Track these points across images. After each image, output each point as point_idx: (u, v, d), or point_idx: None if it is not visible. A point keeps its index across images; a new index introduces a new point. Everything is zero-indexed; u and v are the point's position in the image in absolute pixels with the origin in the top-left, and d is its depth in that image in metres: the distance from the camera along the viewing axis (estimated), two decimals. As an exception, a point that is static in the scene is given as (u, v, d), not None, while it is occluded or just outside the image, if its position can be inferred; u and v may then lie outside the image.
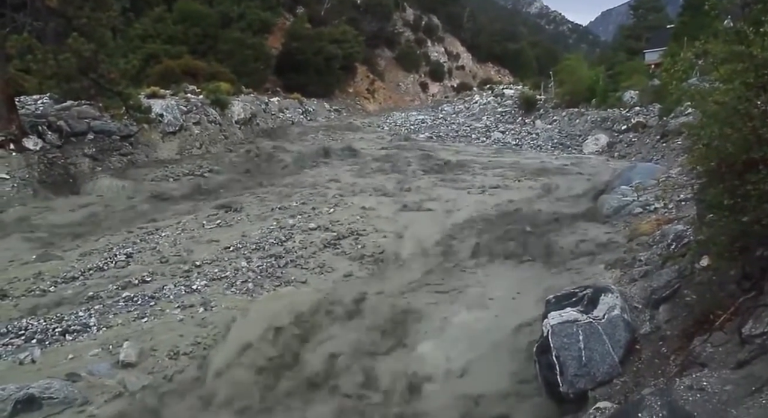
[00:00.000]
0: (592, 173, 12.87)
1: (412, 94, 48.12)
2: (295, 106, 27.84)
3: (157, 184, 12.99)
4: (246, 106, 21.20)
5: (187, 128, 16.65)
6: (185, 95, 18.37)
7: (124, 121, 13.77)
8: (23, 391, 4.55)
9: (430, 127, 24.78)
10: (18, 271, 7.61)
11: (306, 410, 4.55)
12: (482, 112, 28.46)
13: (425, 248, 8.23)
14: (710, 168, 3.34)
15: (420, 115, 30.07)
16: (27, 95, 14.63)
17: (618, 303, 4.23)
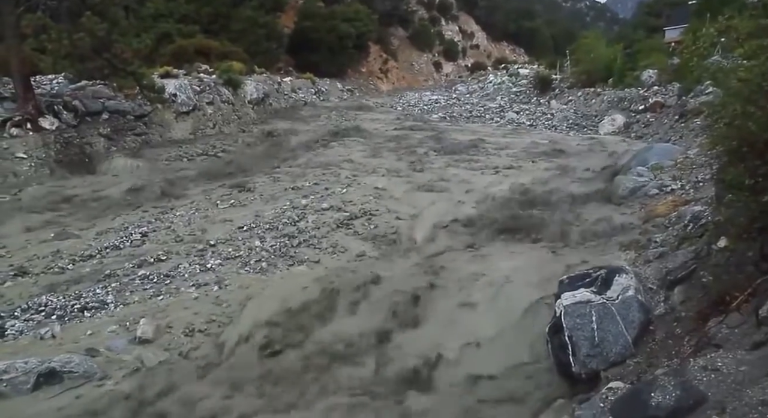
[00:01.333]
0: (608, 154, 12.69)
1: (425, 73, 47.62)
2: (307, 86, 27.71)
3: (171, 164, 13.09)
4: (259, 86, 21.15)
5: (200, 108, 16.67)
6: (198, 75, 18.37)
7: (137, 100, 13.83)
8: (45, 365, 4.67)
9: (444, 108, 24.54)
10: (37, 249, 7.75)
11: (318, 388, 4.60)
12: (496, 92, 28.13)
13: (438, 228, 8.22)
14: (731, 147, 3.27)
15: (433, 96, 29.81)
16: (42, 75, 14.72)
17: (632, 284, 4.19)
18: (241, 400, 4.46)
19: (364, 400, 4.39)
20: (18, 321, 5.71)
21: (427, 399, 4.36)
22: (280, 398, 4.47)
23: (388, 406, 4.30)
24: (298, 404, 4.39)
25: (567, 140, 15.47)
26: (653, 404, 2.46)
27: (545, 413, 3.82)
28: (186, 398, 4.46)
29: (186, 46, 21.77)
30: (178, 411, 4.30)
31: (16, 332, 5.53)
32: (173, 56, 20.62)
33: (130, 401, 4.40)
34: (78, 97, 13.29)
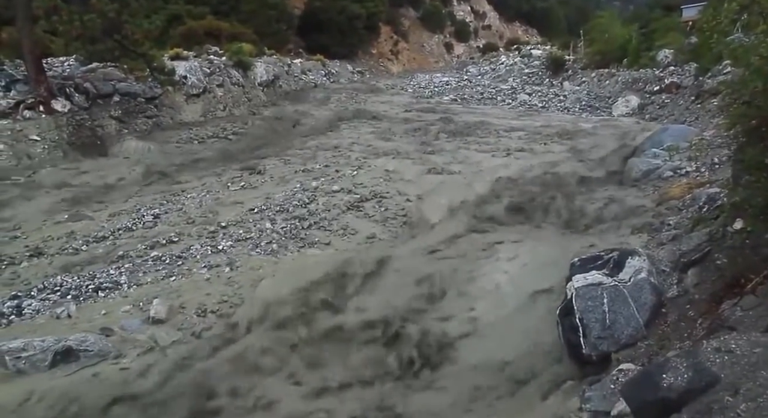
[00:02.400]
0: (621, 136, 12.51)
1: (436, 55, 47.09)
2: (317, 68, 27.54)
3: (182, 146, 13.13)
4: (269, 67, 21.04)
5: (210, 90, 16.65)
6: (208, 57, 18.30)
7: (148, 83, 13.83)
8: (61, 343, 4.75)
9: (455, 90, 24.29)
10: (51, 230, 7.85)
11: (328, 369, 4.65)
12: (508, 73, 27.78)
13: (448, 210, 8.18)
14: (750, 127, 3.20)
15: (444, 77, 29.51)
16: (54, 57, 14.75)
17: (645, 266, 4.15)
18: (254, 379, 4.53)
19: (372, 380, 4.43)
20: (35, 301, 5.81)
21: (436, 380, 4.39)
22: (291, 378, 4.53)
23: (396, 386, 4.34)
24: (309, 383, 4.44)
25: (579, 122, 15.27)
26: (665, 385, 2.45)
27: (555, 395, 3.83)
28: (199, 378, 4.52)
29: (196, 28, 21.68)
30: (192, 390, 4.37)
31: (33, 311, 5.63)
32: (183, 38, 20.55)
33: (144, 380, 4.47)
34: (89, 79, 13.32)
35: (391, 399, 4.18)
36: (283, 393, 4.35)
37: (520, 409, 3.81)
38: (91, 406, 4.13)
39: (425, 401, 4.15)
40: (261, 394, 4.34)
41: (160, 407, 4.17)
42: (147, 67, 13.07)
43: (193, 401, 4.24)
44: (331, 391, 4.33)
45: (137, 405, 4.19)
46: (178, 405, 4.20)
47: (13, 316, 5.56)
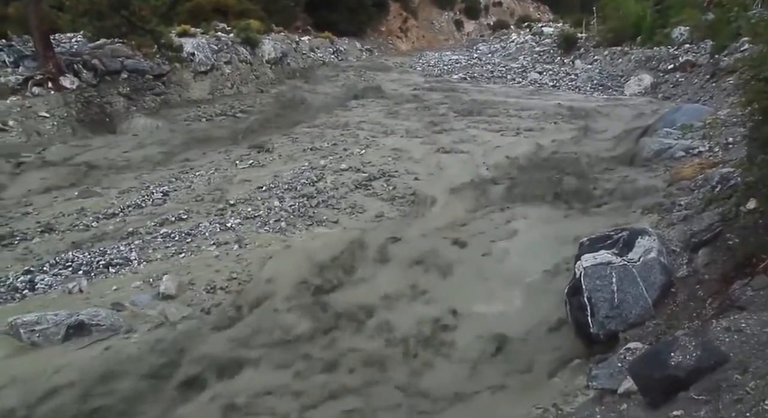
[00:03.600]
0: (633, 115, 12.34)
1: (446, 32, 46.36)
2: (326, 46, 27.21)
3: (190, 124, 13.11)
4: (277, 45, 20.82)
5: (218, 68, 16.54)
6: (216, 34, 18.13)
7: (156, 60, 13.75)
8: (74, 317, 4.82)
9: (465, 68, 23.97)
10: (62, 206, 7.92)
11: (335, 346, 4.69)
12: (519, 51, 27.34)
13: (457, 189, 8.16)
14: (767, 105, 3.13)
15: (454, 55, 29.10)
16: (61, 33, 14.67)
17: (655, 246, 4.12)
18: (262, 355, 4.58)
19: (378, 358, 4.47)
20: (47, 276, 5.88)
21: (442, 357, 4.42)
22: (296, 353, 4.57)
23: (401, 363, 4.37)
24: (313, 359, 4.48)
25: (591, 101, 15.06)
26: (673, 364, 2.45)
27: (562, 373, 3.85)
28: (208, 353, 4.58)
29: (203, 4, 21.43)
30: (201, 365, 4.43)
31: (46, 286, 5.71)
32: (190, 14, 20.33)
33: (155, 354, 4.54)
34: (97, 55, 13.26)
35: (396, 376, 4.21)
36: (288, 371, 4.39)
37: (526, 386, 3.84)
38: (103, 379, 4.21)
39: (430, 378, 4.19)
40: (267, 371, 4.39)
41: (170, 381, 4.24)
42: (155, 44, 12.99)
43: (201, 376, 4.30)
44: (336, 367, 4.37)
45: (147, 379, 4.25)
46: (187, 379, 4.26)
47: (26, 290, 5.65)
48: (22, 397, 3.98)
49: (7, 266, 6.16)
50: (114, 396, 4.04)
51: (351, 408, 3.89)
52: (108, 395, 4.05)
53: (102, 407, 3.92)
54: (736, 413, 2.06)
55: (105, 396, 4.03)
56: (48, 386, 4.10)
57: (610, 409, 2.82)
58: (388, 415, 3.80)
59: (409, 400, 3.95)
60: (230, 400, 4.02)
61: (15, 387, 4.09)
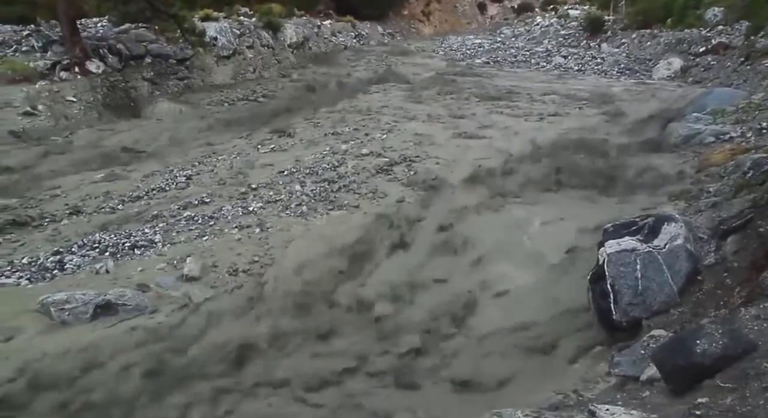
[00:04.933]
0: (661, 100, 12.03)
1: (469, 16, 45.67)
2: (347, 30, 27.06)
3: (213, 108, 13.21)
4: (298, 29, 20.78)
5: (240, 52, 16.58)
6: (238, 18, 18.15)
7: (179, 44, 13.85)
8: (101, 297, 4.95)
9: (488, 52, 23.63)
10: (89, 189, 8.08)
11: (357, 330, 4.72)
12: (543, 35, 26.83)
13: (479, 175, 8.08)
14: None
15: (477, 39, 28.69)
16: (87, 18, 14.86)
17: (681, 233, 4.03)
18: (284, 337, 4.64)
19: (397, 342, 4.48)
20: (75, 256, 6.03)
21: (462, 342, 4.42)
22: (316, 335, 4.62)
23: (419, 348, 4.37)
24: (334, 343, 4.53)
25: (617, 86, 14.73)
26: (698, 351, 2.40)
27: (583, 359, 3.83)
28: (231, 334, 4.66)
29: (225, -12, 21.42)
30: (224, 345, 4.51)
31: (74, 267, 5.85)
32: (213, -1, 20.36)
33: (179, 334, 4.63)
34: (122, 40, 13.41)
35: (414, 360, 4.23)
36: (306, 354, 4.44)
37: (546, 372, 3.82)
38: (130, 357, 4.32)
39: (448, 361, 4.20)
40: (288, 353, 4.45)
41: (194, 361, 4.32)
42: (178, 29, 13.07)
43: (224, 356, 4.38)
44: (358, 353, 4.39)
45: (172, 359, 4.35)
46: (211, 359, 4.35)
47: (56, 270, 5.80)
48: (54, 372, 4.11)
49: (37, 247, 6.33)
50: (140, 374, 4.14)
51: (372, 392, 3.92)
52: (135, 373, 4.16)
53: (129, 384, 4.03)
54: (764, 401, 2.01)
55: (131, 374, 4.14)
56: (78, 362, 4.22)
57: (632, 396, 2.79)
58: (403, 398, 3.82)
59: (427, 382, 3.97)
60: (250, 382, 4.09)
61: (47, 363, 4.22)
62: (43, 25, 13.23)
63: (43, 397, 3.88)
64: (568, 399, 3.05)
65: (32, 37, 12.75)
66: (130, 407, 3.87)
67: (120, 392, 3.96)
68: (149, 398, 3.94)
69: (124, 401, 3.89)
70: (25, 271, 5.74)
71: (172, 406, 3.88)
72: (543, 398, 3.20)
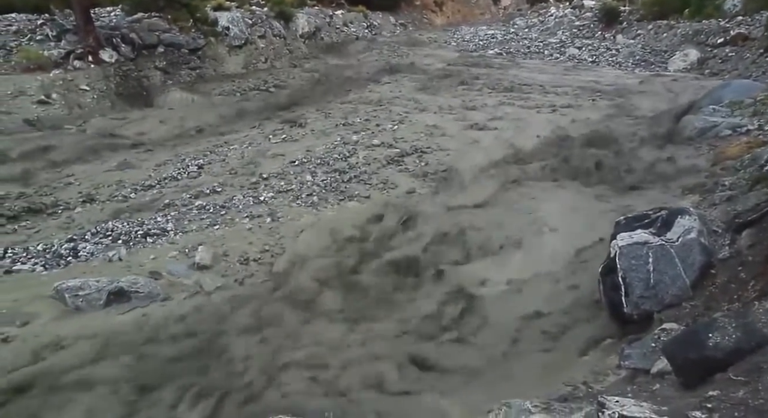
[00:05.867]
0: (677, 92, 11.86)
1: (482, 6, 45.15)
2: (359, 20, 26.88)
3: (224, 98, 13.24)
4: (310, 19, 20.69)
5: (252, 42, 16.57)
6: (250, 7, 18.11)
7: (191, 34, 13.87)
8: (114, 284, 5.02)
9: (500, 43, 23.38)
10: (101, 177, 8.16)
11: (365, 319, 4.73)
12: (557, 26, 26.46)
13: (490, 166, 8.05)
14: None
15: (490, 30, 28.36)
16: (101, 7, 14.90)
17: (695, 226, 3.98)
18: (294, 324, 4.67)
19: (406, 331, 4.50)
20: (89, 244, 6.11)
21: (471, 333, 4.42)
22: (325, 327, 4.64)
23: (430, 338, 4.38)
24: (342, 332, 4.55)
25: (632, 78, 14.53)
26: (711, 345, 2.38)
27: (593, 352, 3.81)
28: (242, 321, 4.70)
29: (237, -22, 21.35)
30: (235, 333, 4.55)
31: (88, 254, 5.93)
32: (225, -12, 20.29)
33: (191, 321, 4.68)
34: (135, 29, 13.45)
35: (426, 351, 4.24)
36: (318, 339, 4.47)
37: (556, 364, 3.81)
38: (142, 343, 4.37)
39: (459, 352, 4.20)
40: (298, 342, 4.48)
41: (205, 347, 4.37)
42: (190, 18, 13.08)
43: (236, 343, 4.42)
44: (365, 341, 4.41)
45: (183, 345, 4.39)
46: (222, 346, 4.39)
47: (70, 257, 5.88)
48: (69, 356, 4.18)
49: (51, 234, 6.42)
50: (152, 360, 4.19)
51: (381, 379, 3.94)
52: (146, 358, 4.21)
53: (141, 369, 4.08)
54: (776, 395, 2.00)
55: (143, 359, 4.19)
56: (92, 347, 4.28)
57: (642, 388, 2.78)
58: (414, 386, 3.83)
59: (438, 373, 3.98)
60: (261, 367, 4.12)
61: (62, 347, 4.29)
62: (58, 14, 13.31)
63: (58, 379, 3.95)
64: (577, 391, 3.05)
65: (46, 26, 12.83)
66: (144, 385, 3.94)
67: (133, 377, 4.01)
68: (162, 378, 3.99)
69: (134, 380, 3.96)
70: (40, 258, 5.83)
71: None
72: (552, 390, 3.19)
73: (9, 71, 11.23)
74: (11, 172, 8.24)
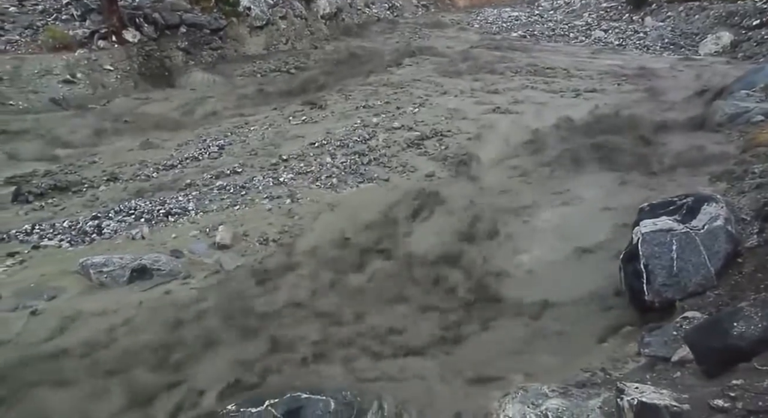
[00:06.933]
0: (707, 76, 11.50)
1: (506, -13, 44.23)
2: (381, 1, 26.56)
3: (245, 79, 13.25)
4: (332, 0, 20.52)
5: (273, 23, 16.49)
6: (271, -13, 17.99)
7: (213, 14, 13.86)
8: (137, 261, 5.12)
9: (524, 25, 22.91)
10: (124, 157, 8.29)
11: (383, 301, 4.75)
12: (584, 8, 25.79)
13: (511, 151, 7.95)
14: None
15: (514, 12, 27.78)
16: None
17: (722, 214, 3.89)
18: (312, 302, 4.72)
19: (425, 316, 4.50)
20: (112, 222, 6.23)
21: (490, 319, 4.40)
22: (341, 306, 4.67)
23: (448, 326, 4.37)
24: (359, 313, 4.57)
25: (660, 62, 14.13)
26: (735, 334, 2.34)
27: (612, 339, 3.78)
28: (261, 301, 4.76)
29: (259, -42, 21.21)
30: (254, 311, 4.61)
31: (112, 231, 6.05)
32: (247, -32, 20.18)
33: (212, 299, 4.75)
34: (157, 9, 13.47)
35: (443, 340, 4.23)
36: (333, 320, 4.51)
37: (574, 350, 3.79)
38: (164, 319, 4.46)
39: (479, 337, 4.20)
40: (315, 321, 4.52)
41: (224, 324, 4.44)
42: (212, -2, 13.08)
43: (253, 320, 4.48)
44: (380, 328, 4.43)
45: (203, 322, 4.47)
46: (240, 324, 4.45)
47: (94, 234, 6.01)
48: (93, 330, 4.29)
49: (77, 211, 6.56)
50: (175, 335, 4.28)
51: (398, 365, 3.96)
52: (169, 333, 4.30)
53: (163, 344, 4.17)
54: (802, 386, 1.95)
55: (165, 335, 4.28)
56: (115, 322, 4.39)
57: (661, 376, 2.75)
58: (433, 372, 3.84)
59: (455, 358, 3.99)
60: (281, 342, 4.17)
61: (86, 321, 4.41)
62: (82, -6, 13.39)
63: (85, 350, 4.06)
64: (595, 377, 3.03)
65: (72, 6, 12.95)
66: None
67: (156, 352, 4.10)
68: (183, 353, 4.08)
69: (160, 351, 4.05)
70: (66, 234, 5.97)
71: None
72: (570, 375, 3.18)
73: (36, 51, 11.39)
74: (38, 151, 8.42)
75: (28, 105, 10.06)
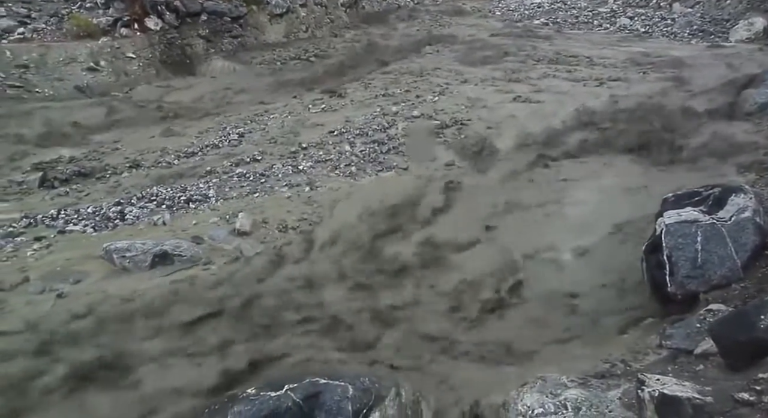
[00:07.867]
0: (737, 64, 11.18)
1: (529, -26, 43.45)
2: (402, -12, 26.33)
3: (265, 67, 13.28)
4: (352, -13, 20.38)
5: (293, 10, 16.45)
6: (291, -25, 17.94)
7: (233, 1, 13.88)
8: (158, 247, 5.19)
9: (547, 13, 22.51)
10: (146, 144, 8.38)
11: (401, 292, 4.76)
12: (609, -7, 25.24)
13: (532, 140, 7.85)
14: None
15: (537, -1, 27.35)
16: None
17: (750, 205, 3.80)
18: (331, 290, 4.76)
19: (444, 307, 4.50)
20: (135, 208, 6.32)
21: (510, 309, 4.39)
22: (358, 295, 4.69)
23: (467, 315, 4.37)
24: (376, 303, 4.59)
25: (688, 49, 13.77)
26: (762, 327, 2.28)
27: (633, 330, 3.73)
28: (280, 287, 4.81)
29: (280, -55, 21.14)
30: (273, 297, 4.66)
31: (134, 218, 6.14)
32: (267, -44, 20.14)
33: (230, 285, 4.82)
34: (179, -3, 13.54)
35: (462, 329, 4.23)
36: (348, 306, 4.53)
37: (594, 341, 3.75)
38: (186, 304, 4.54)
39: (498, 327, 4.19)
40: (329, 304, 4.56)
41: (244, 311, 4.50)
42: (232, -15, 13.08)
43: (272, 307, 4.53)
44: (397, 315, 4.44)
45: (224, 308, 4.54)
46: (263, 310, 4.51)
47: (117, 220, 6.11)
48: (116, 313, 4.38)
49: (100, 197, 6.67)
50: (197, 320, 4.35)
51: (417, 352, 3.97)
52: (190, 317, 4.37)
53: (185, 327, 4.25)
54: (831, 381, 1.91)
55: (187, 318, 4.36)
56: (137, 306, 4.47)
57: (683, 369, 2.71)
58: (453, 363, 3.85)
59: (476, 348, 3.98)
60: (299, 332, 4.22)
61: (110, 305, 4.50)
62: (105, -18, 13.51)
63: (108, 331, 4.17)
64: (615, 368, 3.00)
65: (95, -6, 13.07)
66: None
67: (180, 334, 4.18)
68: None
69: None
70: (90, 219, 6.08)
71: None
72: (589, 366, 3.15)
73: (61, 38, 11.55)
74: (63, 138, 8.57)
75: (53, 92, 10.23)
